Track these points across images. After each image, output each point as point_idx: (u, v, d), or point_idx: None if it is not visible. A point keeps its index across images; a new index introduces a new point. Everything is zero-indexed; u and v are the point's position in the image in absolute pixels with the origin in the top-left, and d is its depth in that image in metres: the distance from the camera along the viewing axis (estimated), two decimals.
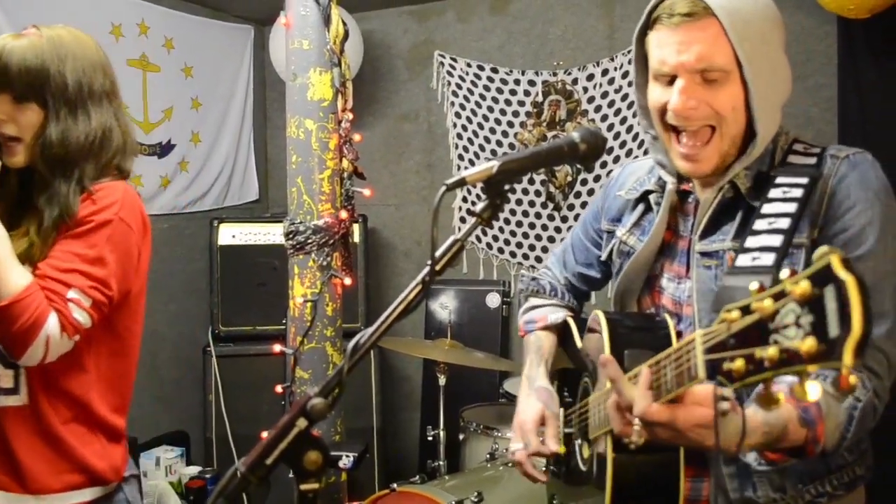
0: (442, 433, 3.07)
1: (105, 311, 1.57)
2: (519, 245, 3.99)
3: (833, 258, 0.74)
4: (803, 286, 0.75)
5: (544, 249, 3.91)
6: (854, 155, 1.33)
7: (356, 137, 2.48)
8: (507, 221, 4.00)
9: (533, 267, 3.91)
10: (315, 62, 2.42)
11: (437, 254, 1.15)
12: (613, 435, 1.27)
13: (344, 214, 2.42)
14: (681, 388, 1.03)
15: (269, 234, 3.77)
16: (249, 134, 4.45)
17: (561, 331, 1.74)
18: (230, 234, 3.80)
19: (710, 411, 1.07)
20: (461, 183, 1.14)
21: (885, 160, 3.06)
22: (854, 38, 3.26)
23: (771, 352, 0.79)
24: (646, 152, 3.61)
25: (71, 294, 1.50)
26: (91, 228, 1.55)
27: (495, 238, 4.04)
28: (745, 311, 0.84)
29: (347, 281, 2.45)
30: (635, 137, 3.64)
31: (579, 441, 1.55)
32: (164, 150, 3.90)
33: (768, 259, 1.13)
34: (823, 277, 0.74)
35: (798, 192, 1.23)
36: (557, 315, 1.73)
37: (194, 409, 3.87)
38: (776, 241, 1.16)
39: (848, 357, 0.71)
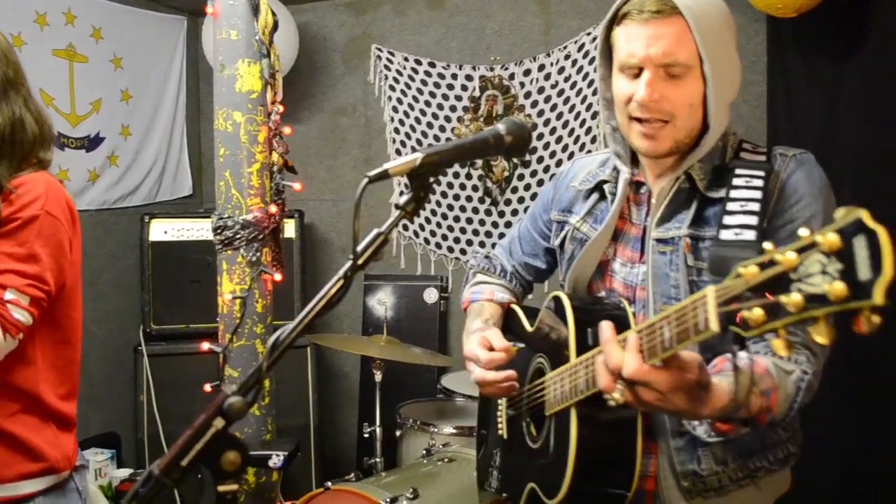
0: (378, 430, 3.05)
1: (45, 306, 1.56)
2: (457, 240, 3.99)
3: (863, 213, 0.80)
4: (831, 238, 0.81)
5: (482, 244, 3.91)
6: (800, 154, 1.44)
7: (286, 130, 2.43)
8: (444, 216, 3.99)
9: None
10: (243, 53, 2.37)
11: (360, 248, 1.13)
12: (579, 409, 1.34)
13: (274, 209, 2.37)
14: (685, 342, 1.06)
15: (203, 229, 3.69)
16: (182, 127, 4.34)
17: (505, 313, 1.80)
18: (162, 230, 3.72)
19: (693, 376, 1.14)
20: (384, 175, 1.12)
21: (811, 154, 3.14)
22: (782, 36, 3.34)
23: (795, 297, 0.84)
24: (581, 147, 3.67)
25: (8, 295, 1.49)
26: (18, 226, 1.52)
27: (433, 233, 4.03)
28: (763, 265, 0.89)
29: (278, 277, 2.41)
30: (571, 132, 3.66)
31: (527, 421, 1.59)
32: (92, 143, 3.78)
33: (750, 235, 1.26)
34: (853, 229, 0.80)
35: (759, 183, 1.35)
36: (503, 295, 1.82)
37: (125, 410, 3.77)
38: (752, 220, 1.28)
39: (879, 296, 0.77)
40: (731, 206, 1.32)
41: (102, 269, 3.87)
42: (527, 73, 3.79)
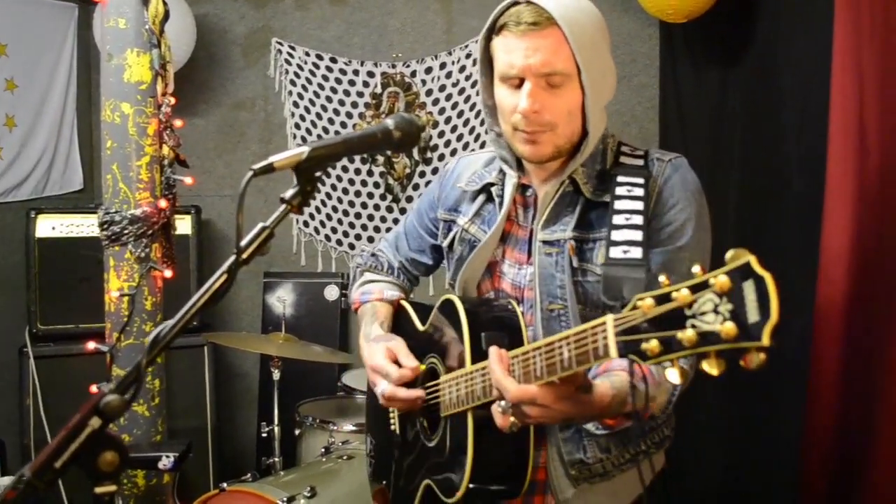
0: (277, 429, 3.01)
1: None
2: (358, 237, 3.97)
3: (751, 258, 0.87)
4: (723, 280, 0.88)
5: None
6: (675, 159, 1.52)
7: (178, 123, 2.36)
8: (345, 213, 3.97)
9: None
10: (132, 42, 2.29)
11: (244, 242, 1.11)
12: (476, 412, 1.39)
13: (164, 203, 2.30)
14: (585, 365, 1.11)
15: (94, 225, 3.52)
16: (73, 119, 4.15)
17: (395, 310, 1.81)
18: (49, 226, 3.55)
19: (574, 385, 1.20)
20: (269, 169, 1.11)
21: (699, 154, 3.28)
22: (674, 41, 3.47)
23: (689, 334, 0.91)
24: (482, 146, 3.71)
25: None
26: None
27: (334, 230, 4.00)
28: (660, 299, 0.95)
29: (168, 273, 2.34)
30: (472, 131, 3.70)
31: (421, 420, 1.61)
32: None
33: (637, 252, 1.34)
34: (743, 273, 0.87)
35: (640, 192, 1.42)
36: (393, 293, 1.83)
37: (10, 415, 3.58)
38: (637, 235, 1.36)
39: (766, 338, 0.84)
40: (616, 219, 1.39)
41: None
42: (428, 70, 3.81)
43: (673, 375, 0.96)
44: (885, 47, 1.97)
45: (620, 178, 1.45)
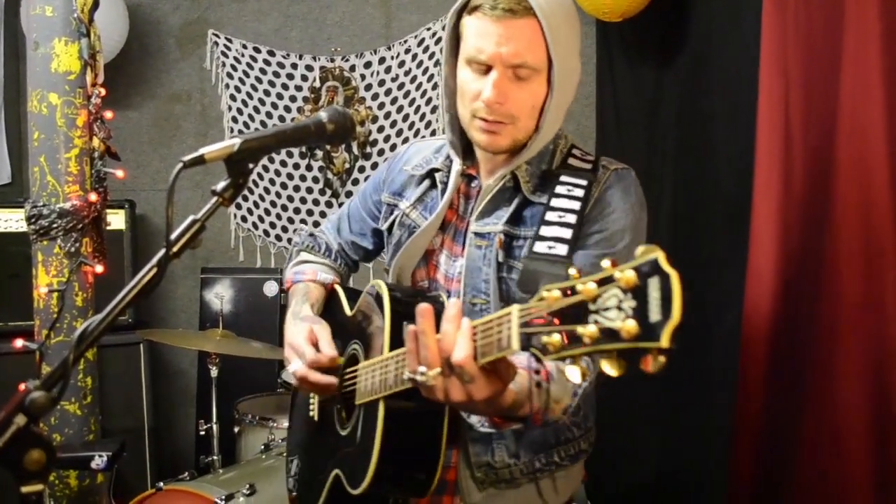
0: (215, 427, 2.97)
1: None
2: (297, 232, 3.94)
3: (660, 254, 0.81)
4: (629, 275, 0.82)
5: None
6: (622, 170, 1.48)
7: (108, 114, 2.30)
8: (284, 208, 3.93)
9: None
10: (60, 31, 2.23)
11: (174, 235, 1.10)
12: (388, 402, 1.32)
13: (94, 197, 2.24)
14: (490, 356, 1.04)
15: (22, 220, 3.41)
16: (0, 110, 4.01)
17: (327, 294, 1.76)
18: None
19: (500, 384, 1.11)
20: (199, 161, 1.10)
21: (633, 152, 3.35)
22: (610, 39, 3.53)
23: (591, 330, 0.85)
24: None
25: None
26: None
27: (273, 225, 3.96)
28: (566, 292, 0.90)
29: (99, 268, 2.28)
30: (412, 126, 3.71)
31: (339, 407, 1.56)
32: None
33: (562, 249, 1.29)
34: (649, 269, 0.81)
35: (580, 193, 1.38)
36: (327, 276, 1.77)
37: None
38: (567, 233, 1.32)
39: (666, 339, 0.78)
40: (549, 216, 1.35)
41: None
42: (367, 65, 3.80)
43: (573, 373, 0.90)
44: (809, 50, 2.04)
45: (563, 178, 1.42)
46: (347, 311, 1.66)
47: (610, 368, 0.84)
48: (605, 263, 0.86)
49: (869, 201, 1.85)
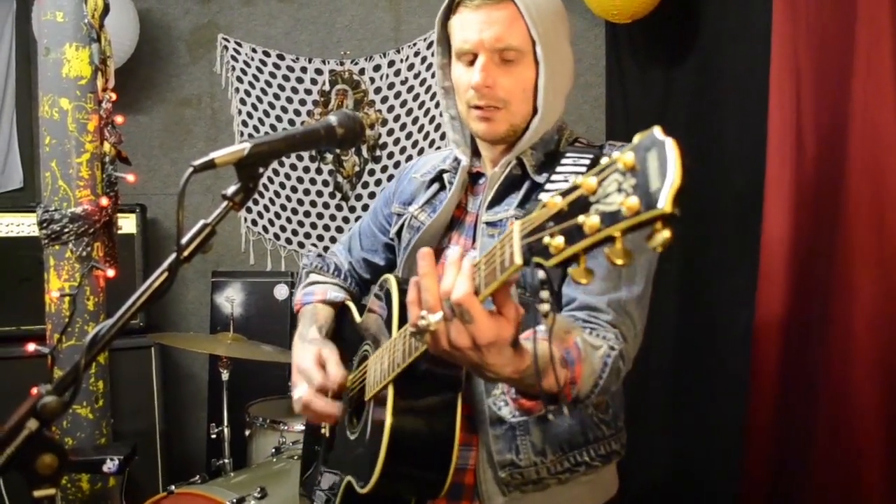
0: (226, 430, 2.97)
1: None
2: (307, 235, 3.94)
3: (656, 127, 0.78)
4: (627, 157, 0.78)
5: (332, 240, 3.89)
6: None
7: (119, 119, 2.31)
8: (294, 212, 3.93)
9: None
10: (71, 37, 2.24)
11: (184, 240, 1.10)
12: (396, 386, 1.28)
13: (105, 201, 2.25)
14: (494, 283, 0.98)
15: (34, 224, 3.43)
16: (12, 116, 4.03)
17: (338, 313, 1.73)
18: None
19: (511, 332, 1.05)
20: (210, 165, 1.10)
21: None
22: (619, 41, 3.52)
23: (592, 220, 0.81)
24: (431, 144, 3.70)
25: None
26: None
27: (283, 228, 3.97)
28: (566, 193, 0.86)
29: (110, 273, 2.29)
30: (421, 129, 3.71)
31: (349, 413, 1.53)
32: None
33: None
34: (647, 144, 0.78)
35: (585, 163, 1.37)
36: (337, 294, 1.74)
37: None
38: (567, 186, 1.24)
39: (668, 203, 0.74)
40: (554, 179, 1.35)
41: None
42: (377, 68, 3.80)
43: (579, 274, 0.85)
44: (820, 49, 2.03)
45: (568, 156, 1.43)
46: (357, 319, 1.64)
47: (617, 258, 0.80)
48: (605, 159, 0.83)
49: (882, 200, 1.84)
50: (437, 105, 3.66)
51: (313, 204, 3.92)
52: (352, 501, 1.42)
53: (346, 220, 3.88)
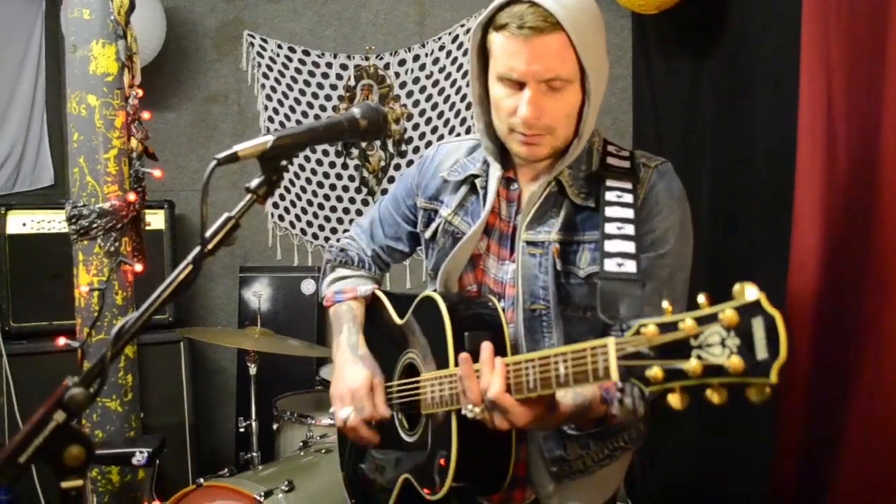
0: (255, 424, 2.99)
1: None
2: (333, 230, 3.96)
3: (761, 296, 0.90)
4: (730, 315, 0.91)
5: None
6: (661, 165, 1.51)
7: (145, 115, 2.33)
8: (320, 207, 3.95)
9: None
10: (98, 34, 2.25)
11: (209, 233, 1.10)
12: (459, 414, 1.38)
13: (133, 197, 2.27)
14: (582, 384, 1.14)
15: (65, 221, 3.49)
16: (42, 113, 4.09)
17: (367, 302, 1.79)
18: (20, 223, 3.50)
19: (544, 407, 1.28)
20: (233, 158, 1.11)
21: (671, 145, 3.29)
22: (646, 32, 3.48)
23: (694, 365, 0.93)
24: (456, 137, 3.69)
25: None
26: None
27: (309, 224, 3.98)
28: (664, 327, 0.98)
29: (138, 267, 2.31)
30: (447, 123, 3.70)
31: (399, 415, 1.61)
32: None
33: (631, 266, 1.34)
34: (751, 310, 0.90)
35: (629, 198, 1.42)
36: (367, 287, 1.78)
37: None
38: (630, 247, 1.37)
39: (775, 375, 0.88)
40: (608, 228, 1.39)
41: None
42: (402, 63, 3.80)
43: (675, 401, 0.97)
44: (851, 38, 1.98)
45: (609, 183, 1.44)
46: (396, 320, 1.68)
47: (715, 398, 0.93)
48: (701, 299, 0.95)
49: None
50: (462, 99, 3.65)
51: (339, 199, 3.93)
52: (411, 500, 1.54)
53: None
